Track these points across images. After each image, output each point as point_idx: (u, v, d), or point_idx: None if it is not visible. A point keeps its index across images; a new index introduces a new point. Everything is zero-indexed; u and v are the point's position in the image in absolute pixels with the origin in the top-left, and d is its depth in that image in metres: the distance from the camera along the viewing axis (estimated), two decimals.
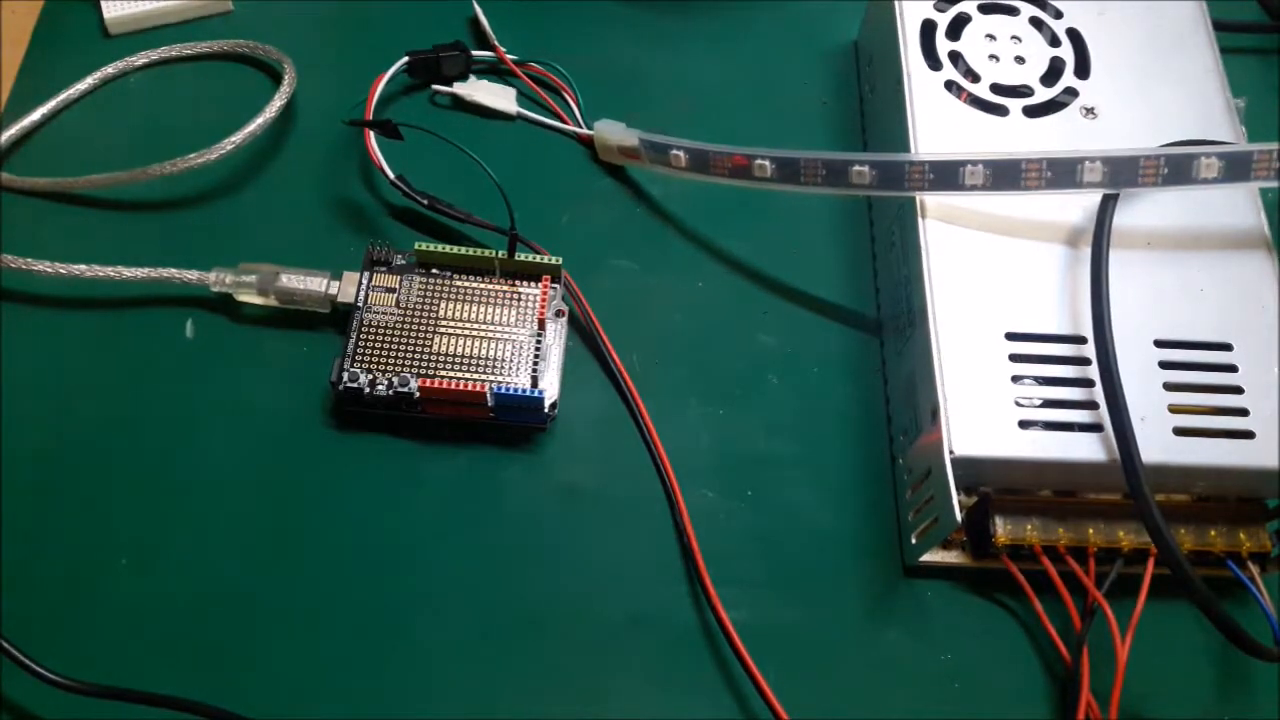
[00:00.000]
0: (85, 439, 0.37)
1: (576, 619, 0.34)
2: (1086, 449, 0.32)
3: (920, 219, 0.36)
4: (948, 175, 0.35)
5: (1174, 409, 0.33)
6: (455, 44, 0.44)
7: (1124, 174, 0.35)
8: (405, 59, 0.44)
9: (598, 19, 0.47)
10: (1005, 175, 0.35)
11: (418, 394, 0.36)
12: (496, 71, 0.45)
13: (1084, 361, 0.33)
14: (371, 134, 0.41)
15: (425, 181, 0.41)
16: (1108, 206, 0.35)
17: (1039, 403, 0.33)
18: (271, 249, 0.39)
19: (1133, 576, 0.33)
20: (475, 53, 0.45)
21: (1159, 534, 0.30)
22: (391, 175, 0.40)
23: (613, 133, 0.42)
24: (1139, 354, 0.33)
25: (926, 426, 0.33)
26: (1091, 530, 0.33)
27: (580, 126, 0.44)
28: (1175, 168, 0.35)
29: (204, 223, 0.41)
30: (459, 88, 0.44)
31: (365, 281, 0.38)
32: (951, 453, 0.32)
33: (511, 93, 0.45)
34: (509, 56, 0.45)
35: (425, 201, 0.40)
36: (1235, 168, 0.34)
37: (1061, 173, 0.35)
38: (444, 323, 0.37)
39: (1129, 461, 0.31)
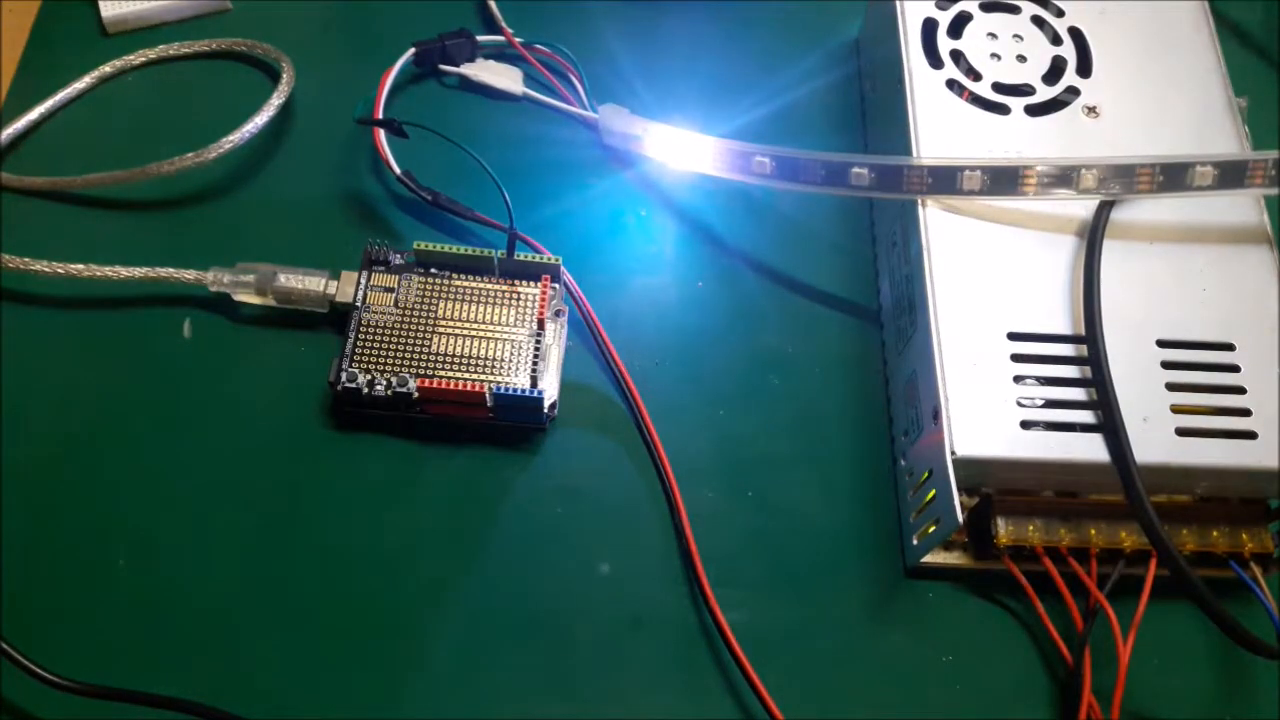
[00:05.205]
0: (84, 439, 0.37)
1: (576, 619, 0.34)
2: (1088, 450, 0.32)
3: (922, 219, 0.36)
4: (946, 180, 0.35)
5: (1176, 409, 0.33)
6: (461, 31, 0.45)
7: (1120, 181, 0.35)
8: (412, 50, 0.44)
9: (601, 14, 0.47)
10: (1003, 181, 0.35)
11: (416, 394, 0.36)
12: (504, 56, 0.46)
13: (1086, 361, 0.33)
14: (381, 131, 0.41)
15: (431, 174, 0.41)
16: (1102, 214, 0.35)
17: (1041, 403, 0.33)
18: (270, 248, 0.39)
19: (1135, 577, 0.33)
20: (481, 38, 0.45)
21: (1152, 529, 0.30)
22: (398, 171, 0.40)
23: (617, 117, 0.42)
24: (1141, 354, 0.33)
25: (928, 427, 0.33)
26: (1094, 531, 0.33)
27: (585, 110, 0.44)
28: (1170, 176, 0.35)
29: (202, 222, 0.41)
30: (465, 68, 0.45)
31: (364, 281, 0.38)
32: (953, 453, 0.32)
33: (518, 73, 0.45)
34: (516, 39, 0.45)
35: (429, 198, 0.40)
36: (1230, 176, 0.35)
37: (1058, 179, 0.35)
38: (443, 322, 0.37)
39: (1120, 461, 0.31)
